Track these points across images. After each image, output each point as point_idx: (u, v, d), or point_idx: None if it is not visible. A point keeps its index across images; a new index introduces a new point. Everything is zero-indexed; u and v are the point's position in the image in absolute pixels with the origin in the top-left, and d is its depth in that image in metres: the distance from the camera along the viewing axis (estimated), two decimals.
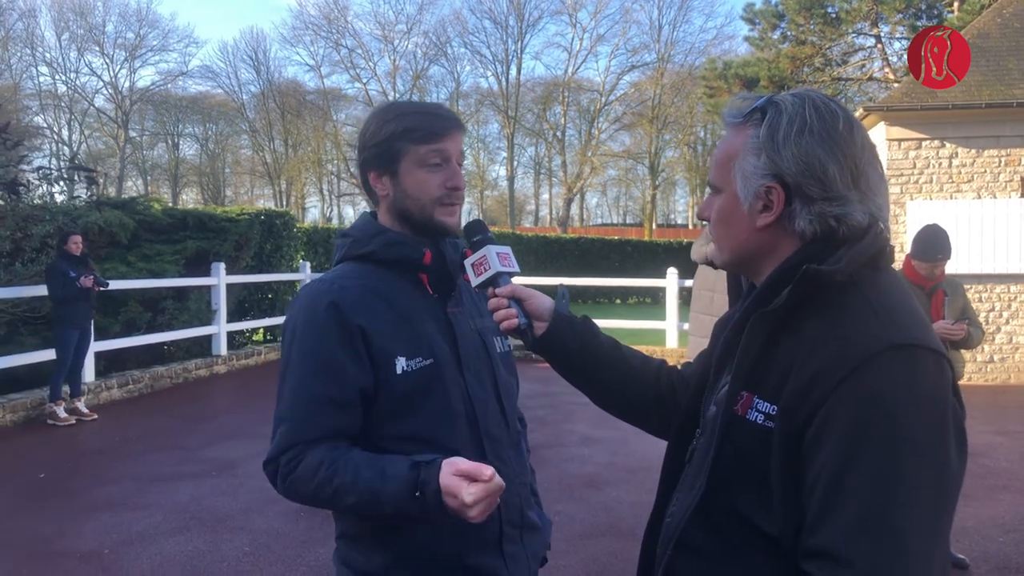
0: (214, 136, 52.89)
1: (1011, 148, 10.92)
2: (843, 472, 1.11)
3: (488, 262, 1.68)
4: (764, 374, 1.23)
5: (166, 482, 6.18)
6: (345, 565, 1.77)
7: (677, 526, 1.30)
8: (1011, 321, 10.97)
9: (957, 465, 1.14)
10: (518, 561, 1.79)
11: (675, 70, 44.87)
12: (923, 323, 1.21)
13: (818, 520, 1.12)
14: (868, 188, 1.25)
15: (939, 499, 1.11)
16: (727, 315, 1.52)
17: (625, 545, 4.93)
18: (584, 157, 46.18)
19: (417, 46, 48.87)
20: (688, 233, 42.06)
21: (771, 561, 1.20)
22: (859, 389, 1.12)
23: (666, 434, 1.65)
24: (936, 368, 1.15)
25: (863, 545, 1.08)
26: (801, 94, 1.30)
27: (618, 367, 1.67)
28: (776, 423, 1.19)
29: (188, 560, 4.68)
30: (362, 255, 1.78)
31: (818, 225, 1.24)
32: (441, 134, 1.73)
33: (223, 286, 11.40)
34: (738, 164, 1.30)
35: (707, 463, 1.26)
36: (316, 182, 52.65)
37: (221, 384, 10.74)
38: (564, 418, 8.65)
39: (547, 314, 1.66)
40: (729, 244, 1.35)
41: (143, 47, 48.11)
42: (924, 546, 1.09)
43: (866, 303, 1.19)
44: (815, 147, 1.23)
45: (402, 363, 1.68)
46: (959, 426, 1.15)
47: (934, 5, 19.72)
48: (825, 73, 21.07)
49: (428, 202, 1.74)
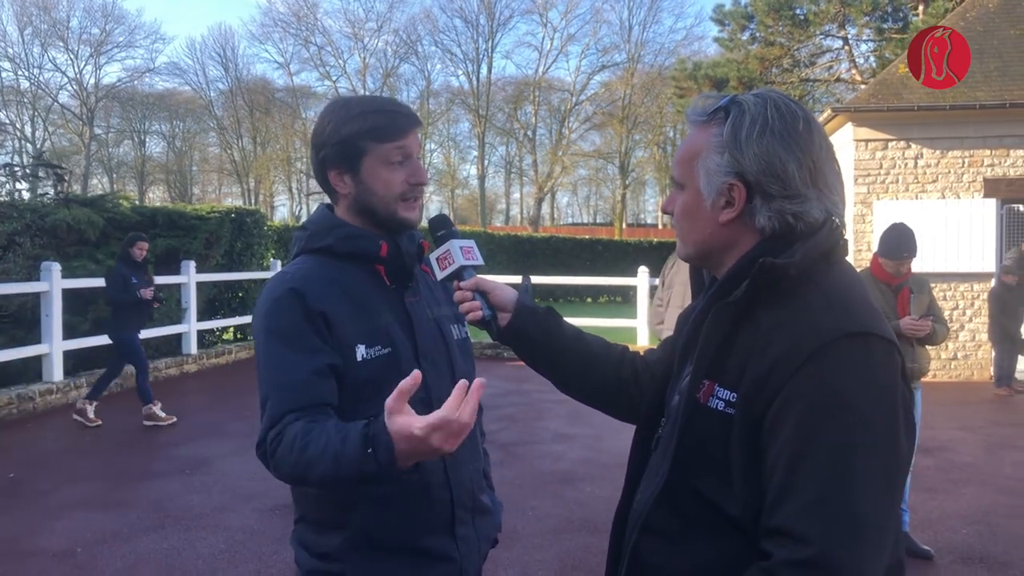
0: (181, 133, 52.35)
1: (974, 149, 11.14)
2: (801, 454, 1.16)
3: (452, 256, 1.74)
4: (724, 363, 1.29)
5: (138, 480, 6.14)
6: (302, 547, 1.81)
7: (643, 510, 1.35)
8: (974, 319, 11.19)
9: (906, 447, 1.20)
10: (469, 543, 1.84)
11: (645, 70, 45.12)
12: (875, 312, 1.27)
13: (777, 501, 1.18)
14: (825, 186, 1.31)
15: (890, 479, 1.18)
16: (689, 307, 1.58)
17: (600, 540, 4.98)
18: (555, 156, 46.28)
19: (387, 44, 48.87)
20: (658, 232, 42.25)
21: (733, 541, 1.26)
22: (815, 376, 1.18)
23: (631, 417, 1.71)
24: (887, 355, 1.22)
25: (821, 524, 1.13)
26: (763, 94, 1.35)
27: (581, 354, 1.72)
28: (736, 409, 1.24)
29: (163, 558, 4.66)
30: (320, 248, 1.81)
31: (777, 221, 1.30)
32: (403, 131, 1.77)
33: (193, 284, 11.31)
34: (702, 161, 1.35)
35: (671, 449, 1.31)
36: (285, 180, 52.28)
37: (191, 383, 10.66)
38: (537, 415, 8.69)
39: (511, 305, 1.72)
40: (693, 238, 1.41)
41: (109, 43, 47.49)
42: (878, 523, 1.15)
43: (820, 295, 1.25)
44: (776, 146, 1.28)
45: (362, 351, 1.71)
46: (907, 410, 1.22)
47: (900, 8, 20.03)
48: (793, 74, 21.32)
49: (391, 198, 1.78)
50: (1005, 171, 11.07)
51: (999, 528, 5.24)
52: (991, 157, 11.10)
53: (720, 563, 1.26)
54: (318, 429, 1.62)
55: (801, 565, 1.13)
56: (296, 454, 1.61)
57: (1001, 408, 9.57)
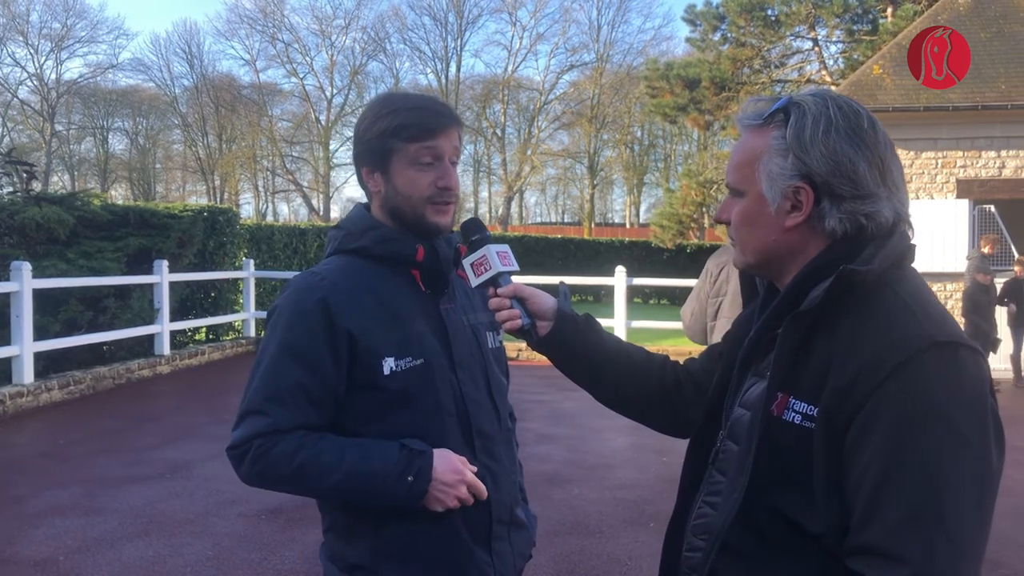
0: (145, 130, 51.64)
1: (947, 151, 11.30)
2: (891, 469, 1.12)
3: (489, 262, 1.66)
4: (799, 374, 1.23)
5: (118, 485, 6.00)
6: (331, 560, 1.76)
7: (721, 529, 1.30)
8: None
9: (997, 461, 1.16)
10: (504, 559, 1.80)
11: (614, 70, 45.32)
12: (955, 321, 1.23)
13: (867, 517, 1.13)
14: (893, 184, 1.27)
15: (984, 493, 1.13)
16: (743, 315, 1.53)
17: (593, 542, 4.95)
18: (524, 156, 46.30)
19: (355, 41, 48.46)
20: (627, 232, 42.44)
21: (815, 560, 1.21)
22: (904, 387, 1.13)
23: (671, 430, 1.67)
24: (975, 365, 1.17)
25: (915, 542, 1.09)
26: (821, 93, 1.31)
27: (622, 364, 1.66)
28: (816, 423, 1.19)
29: (149, 566, 4.55)
30: (354, 249, 1.76)
31: (848, 224, 1.25)
32: (433, 131, 1.70)
33: (166, 284, 11.12)
34: (763, 166, 1.30)
35: (747, 465, 1.26)
36: (251, 178, 51.76)
37: (165, 384, 10.48)
38: (519, 416, 8.53)
39: (550, 313, 1.66)
40: (755, 246, 1.35)
41: (70, 38, 46.65)
42: (973, 540, 1.11)
43: (901, 302, 1.21)
44: (843, 146, 1.24)
45: (390, 363, 1.67)
46: (998, 423, 1.18)
47: (869, 10, 20.28)
48: (764, 75, 21.49)
49: (419, 201, 1.72)
50: (977, 172, 11.24)
51: None
52: (964, 158, 11.26)
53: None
54: (326, 439, 1.64)
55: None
56: (302, 461, 1.61)
57: None
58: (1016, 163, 11.17)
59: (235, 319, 13.70)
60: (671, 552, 1.47)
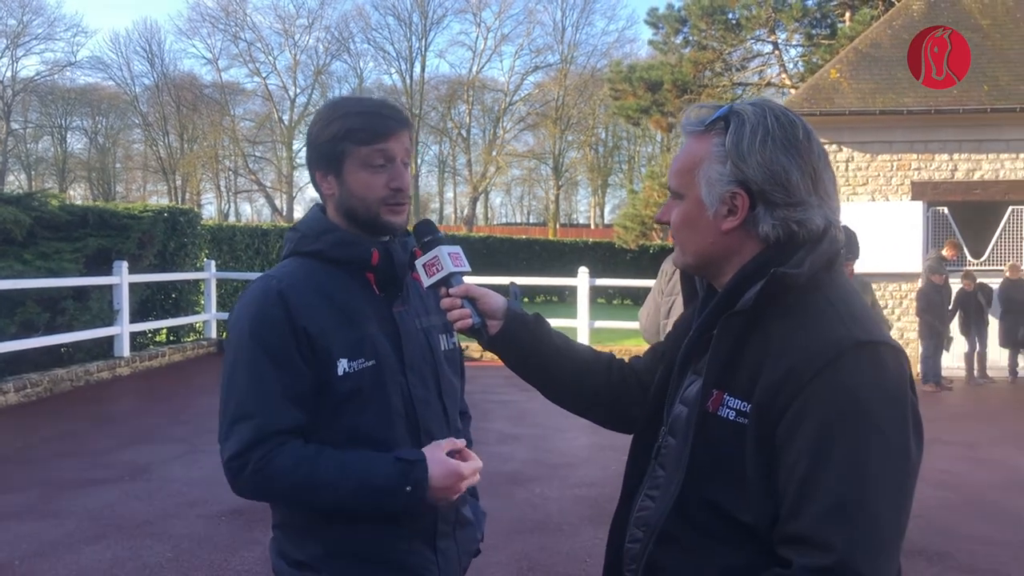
0: (104, 129, 50.84)
1: (902, 153, 11.53)
2: (818, 462, 1.18)
3: (440, 262, 1.70)
4: (734, 372, 1.29)
5: (76, 488, 5.94)
6: (280, 556, 1.79)
7: (658, 521, 1.35)
8: (902, 318, 11.57)
9: (916, 454, 1.23)
10: (449, 556, 1.84)
11: (578, 72, 45.54)
12: (879, 321, 1.32)
13: (795, 507, 1.19)
14: (825, 193, 1.34)
15: (903, 485, 1.21)
16: (684, 315, 1.59)
17: (554, 539, 5.01)
18: (489, 156, 46.34)
19: (319, 41, 48.18)
20: (591, 233, 42.63)
21: (748, 548, 1.27)
22: (831, 384, 1.20)
23: (616, 425, 1.72)
24: (897, 363, 1.25)
25: (840, 530, 1.16)
26: (760, 104, 1.37)
27: (570, 362, 1.70)
28: (749, 419, 1.25)
29: (108, 569, 4.52)
30: (310, 252, 1.78)
31: (781, 229, 1.32)
32: (384, 134, 1.73)
33: (126, 285, 10.99)
34: (702, 171, 1.36)
35: (684, 459, 1.32)
36: (213, 178, 51.21)
37: (124, 386, 10.37)
38: (482, 416, 8.67)
39: (500, 313, 1.69)
40: (693, 248, 1.41)
41: (27, 35, 45.71)
42: (894, 528, 1.18)
43: (828, 304, 1.28)
44: (778, 155, 1.30)
45: (344, 364, 1.70)
46: (917, 418, 1.25)
47: (828, 15, 20.61)
48: (725, 78, 21.74)
49: (373, 202, 1.75)
50: (931, 175, 11.48)
51: (935, 521, 5.42)
52: (918, 161, 11.50)
53: (736, 570, 1.27)
54: (323, 454, 1.66)
55: (822, 572, 1.15)
56: (301, 477, 1.63)
57: (930, 404, 9.90)
58: (968, 166, 11.43)
59: (196, 320, 13.57)
60: (615, 545, 1.52)
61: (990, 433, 8.26)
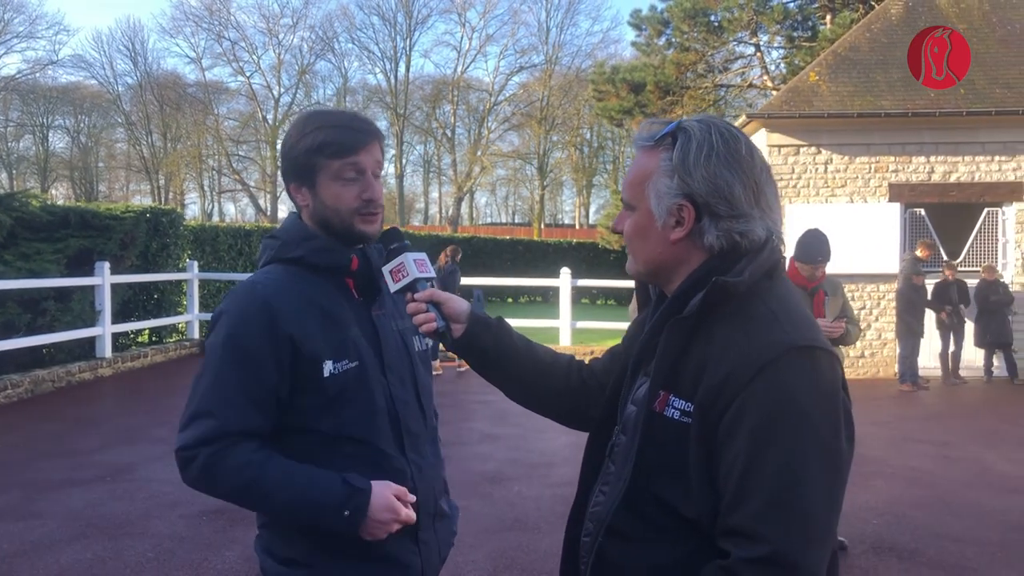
0: (87, 128, 50.51)
1: (880, 155, 11.66)
2: (755, 459, 1.27)
3: (406, 269, 1.78)
4: (679, 374, 1.38)
5: (57, 489, 5.96)
6: (267, 553, 1.86)
7: (607, 514, 1.43)
8: (880, 319, 11.70)
9: (847, 452, 1.32)
10: (430, 547, 1.93)
11: (563, 72, 45.65)
12: (816, 326, 1.40)
13: (734, 502, 1.28)
14: (767, 205, 1.42)
15: (835, 481, 1.30)
16: (638, 319, 1.67)
17: (531, 538, 5.07)
18: (474, 156, 46.36)
19: (303, 40, 48.20)
20: (576, 233, 42.74)
21: (691, 541, 1.35)
22: (768, 386, 1.28)
23: (575, 424, 1.80)
24: (830, 366, 1.33)
25: (776, 524, 1.25)
26: (706, 120, 1.45)
27: (531, 364, 1.78)
28: (692, 418, 1.33)
29: (88, 568, 4.55)
30: (291, 259, 1.85)
31: (724, 240, 1.40)
32: (355, 148, 1.80)
33: (107, 286, 10.98)
34: (652, 184, 1.44)
35: (631, 456, 1.40)
36: (196, 178, 51.00)
37: (106, 387, 10.37)
38: (464, 416, 8.74)
39: (464, 316, 1.77)
40: (644, 256, 1.50)
41: (7, 33, 45.38)
42: (825, 521, 1.28)
43: (768, 310, 1.36)
44: (722, 170, 1.38)
45: (329, 366, 1.77)
46: (848, 417, 1.34)
47: (809, 18, 20.77)
48: (708, 79, 21.86)
49: (347, 213, 1.82)
50: (908, 177, 11.61)
51: (906, 518, 5.53)
52: (895, 163, 11.63)
53: (680, 562, 1.36)
54: (272, 461, 1.73)
55: (758, 562, 1.24)
56: (248, 479, 1.70)
57: (906, 403, 10.05)
58: (944, 168, 11.57)
59: (178, 321, 13.57)
60: (571, 538, 1.60)
61: (964, 432, 8.39)
